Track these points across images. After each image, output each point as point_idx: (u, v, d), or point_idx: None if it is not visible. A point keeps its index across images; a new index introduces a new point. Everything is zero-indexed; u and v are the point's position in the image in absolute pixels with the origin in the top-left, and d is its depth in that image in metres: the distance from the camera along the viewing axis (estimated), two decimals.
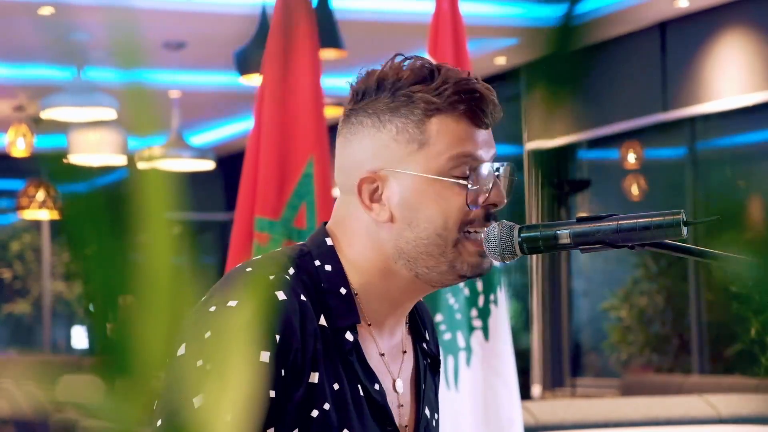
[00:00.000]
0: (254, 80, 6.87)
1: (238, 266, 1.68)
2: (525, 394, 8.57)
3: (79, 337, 13.87)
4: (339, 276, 1.66)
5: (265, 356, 1.55)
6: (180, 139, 9.90)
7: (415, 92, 1.64)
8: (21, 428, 7.71)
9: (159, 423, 1.43)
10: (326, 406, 1.60)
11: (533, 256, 7.19)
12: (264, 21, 6.91)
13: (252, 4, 7.54)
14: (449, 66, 1.68)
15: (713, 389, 7.21)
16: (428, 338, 1.81)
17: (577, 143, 9.95)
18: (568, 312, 10.12)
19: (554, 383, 9.99)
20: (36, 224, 13.77)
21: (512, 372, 3.84)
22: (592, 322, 10.17)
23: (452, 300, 3.79)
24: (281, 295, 1.59)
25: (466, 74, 1.67)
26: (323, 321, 1.63)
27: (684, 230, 1.59)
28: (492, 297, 3.84)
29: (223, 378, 0.62)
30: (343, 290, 1.65)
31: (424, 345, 1.79)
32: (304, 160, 3.58)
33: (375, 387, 1.66)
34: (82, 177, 0.61)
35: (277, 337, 1.56)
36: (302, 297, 1.61)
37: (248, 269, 1.64)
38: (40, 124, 9.67)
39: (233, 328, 0.62)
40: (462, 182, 1.63)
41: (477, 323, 3.83)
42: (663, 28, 8.87)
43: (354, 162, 1.68)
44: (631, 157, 9.51)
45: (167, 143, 9.66)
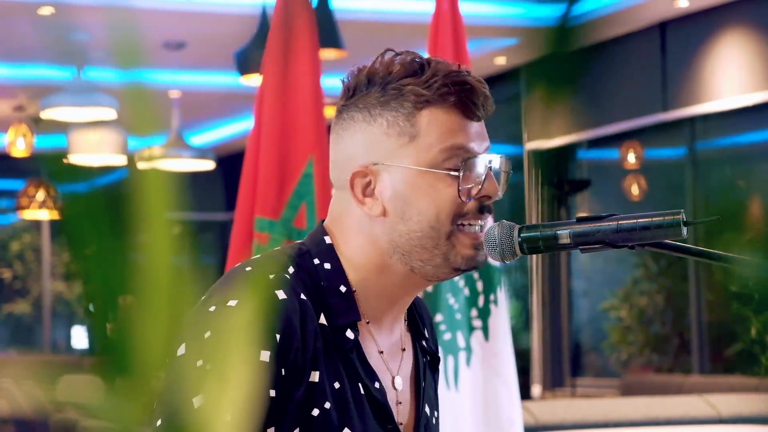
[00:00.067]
0: (254, 80, 6.87)
1: (238, 265, 1.67)
2: (525, 394, 8.57)
3: (79, 337, 13.87)
4: (338, 274, 1.66)
5: (266, 356, 1.55)
6: (180, 139, 9.90)
7: (405, 85, 1.64)
8: (21, 428, 7.71)
9: (159, 423, 1.42)
10: (327, 405, 1.60)
11: (533, 256, 7.19)
12: (264, 21, 6.91)
13: (252, 4, 7.54)
14: (440, 59, 1.67)
15: (713, 389, 7.21)
16: (427, 336, 1.81)
17: (577, 143, 9.95)
18: (568, 312, 10.12)
19: (554, 383, 9.99)
20: (36, 224, 13.76)
21: (512, 372, 3.84)
22: (592, 322, 10.17)
23: (452, 300, 3.79)
24: (281, 295, 1.59)
25: (457, 66, 1.66)
26: (323, 320, 1.62)
27: (684, 230, 1.59)
28: (492, 297, 3.84)
29: (223, 378, 0.62)
30: (343, 288, 1.65)
31: (423, 342, 1.79)
32: (304, 160, 3.59)
33: (375, 385, 1.66)
34: (82, 177, 0.61)
35: (278, 337, 1.56)
36: (302, 296, 1.61)
37: (248, 268, 1.64)
38: (40, 124, 9.67)
39: (233, 328, 0.62)
40: (454, 174, 1.62)
41: (477, 323, 3.83)
42: (663, 28, 8.87)
43: (346, 157, 1.67)
44: (631, 157, 9.50)
45: (167, 143, 9.66)
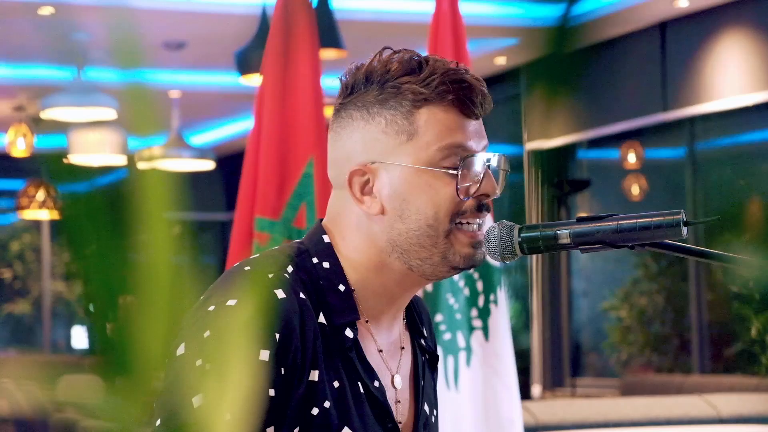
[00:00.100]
0: (254, 80, 6.87)
1: (237, 265, 1.67)
2: (525, 394, 8.57)
3: (79, 337, 13.86)
4: (337, 273, 1.65)
5: (265, 355, 1.54)
6: (180, 139, 9.90)
7: (403, 83, 1.63)
8: (21, 428, 7.71)
9: (158, 422, 1.42)
10: (326, 404, 1.59)
11: (533, 256, 7.19)
12: (264, 21, 6.91)
13: (252, 4, 7.54)
14: (438, 57, 1.67)
15: (713, 389, 7.21)
16: (426, 334, 1.81)
17: (577, 143, 9.95)
18: (568, 312, 10.12)
19: (554, 383, 9.99)
20: (36, 224, 13.76)
21: (512, 372, 3.83)
22: (592, 322, 10.17)
23: (452, 300, 3.79)
24: (280, 294, 1.59)
25: (455, 64, 1.66)
26: (322, 319, 1.62)
27: (684, 230, 1.59)
28: (492, 297, 3.84)
29: (223, 377, 0.62)
30: (342, 287, 1.65)
31: (422, 341, 1.79)
32: (304, 160, 3.59)
33: (374, 384, 1.66)
34: (82, 177, 0.61)
35: (277, 336, 1.56)
36: (301, 295, 1.61)
37: (247, 268, 1.63)
38: (40, 124, 9.66)
39: (233, 328, 0.62)
40: (452, 172, 1.62)
41: (477, 323, 3.82)
42: (663, 28, 8.87)
43: (345, 155, 1.67)
44: (631, 157, 9.50)
45: (167, 143, 9.65)
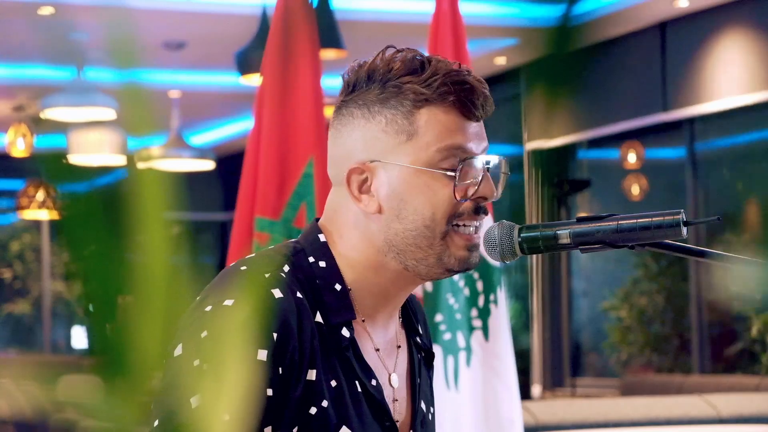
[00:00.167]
0: (254, 80, 6.87)
1: (233, 265, 1.67)
2: (525, 394, 8.57)
3: (79, 337, 13.86)
4: (333, 272, 1.65)
5: (263, 355, 1.54)
6: (180, 139, 9.89)
7: (405, 83, 1.63)
8: (21, 428, 7.71)
9: (156, 423, 1.42)
10: (324, 403, 1.59)
11: (533, 256, 7.19)
12: (264, 21, 6.91)
13: (252, 4, 7.54)
14: (441, 58, 1.67)
15: (713, 389, 7.21)
16: (421, 331, 1.81)
17: (577, 143, 9.95)
18: (568, 312, 10.12)
19: (554, 383, 9.99)
20: (36, 224, 13.76)
21: (512, 372, 3.83)
22: (592, 322, 10.17)
23: (452, 300, 3.79)
24: (277, 293, 1.58)
25: (457, 66, 1.66)
26: (319, 318, 1.62)
27: (684, 230, 1.59)
28: (492, 297, 3.84)
29: (221, 377, 0.62)
30: (338, 286, 1.65)
31: (418, 339, 1.79)
32: (304, 160, 3.59)
33: (372, 383, 1.66)
34: (81, 177, 0.61)
35: (275, 336, 1.55)
36: (298, 294, 1.61)
37: (243, 268, 1.63)
38: (40, 124, 9.66)
39: (230, 328, 0.62)
40: (450, 174, 1.62)
41: (477, 323, 3.82)
42: (663, 28, 8.87)
43: (344, 153, 1.67)
44: (631, 157, 9.50)
45: (167, 143, 9.65)
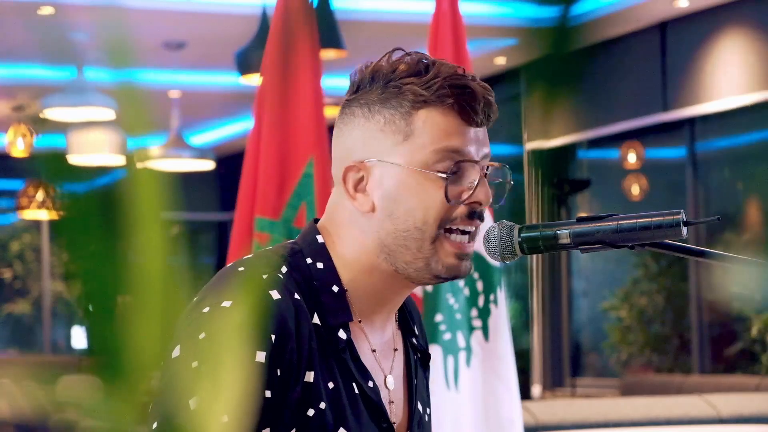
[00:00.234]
0: (254, 80, 6.86)
1: (230, 266, 1.67)
2: (525, 394, 8.56)
3: (79, 338, 13.86)
4: (331, 274, 1.65)
5: (261, 356, 1.54)
6: (180, 139, 9.89)
7: (405, 84, 1.63)
8: (21, 428, 7.71)
9: (155, 426, 1.41)
10: (322, 405, 1.59)
11: (533, 256, 7.18)
12: (264, 21, 6.91)
13: (252, 5, 7.54)
14: (447, 62, 1.67)
15: (713, 389, 7.21)
16: (417, 333, 1.80)
17: (577, 143, 9.95)
18: (568, 312, 10.12)
19: (554, 383, 9.99)
20: (36, 224, 13.75)
21: (512, 372, 3.83)
22: (592, 322, 10.17)
23: (452, 300, 3.79)
24: (275, 295, 1.58)
25: (462, 70, 1.66)
26: (316, 319, 1.62)
27: (684, 230, 1.59)
28: (492, 297, 3.84)
29: (219, 379, 0.62)
30: (335, 288, 1.65)
31: (414, 340, 1.79)
32: (304, 160, 3.58)
33: (369, 384, 1.66)
34: (80, 177, 0.61)
35: (273, 337, 1.55)
36: (296, 296, 1.60)
37: (240, 269, 1.63)
38: (40, 124, 9.66)
39: (228, 329, 0.62)
40: (441, 175, 1.61)
41: (477, 323, 3.82)
42: (663, 28, 8.86)
43: (344, 152, 1.67)
44: (631, 157, 9.50)
45: (167, 143, 9.65)
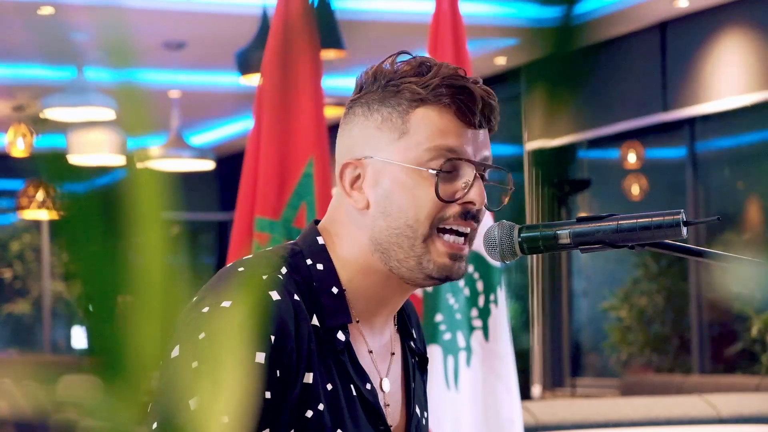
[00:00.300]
0: (254, 80, 6.86)
1: (229, 266, 1.67)
2: (525, 394, 8.56)
3: (79, 338, 13.86)
4: (330, 275, 1.65)
5: (260, 357, 1.54)
6: (180, 139, 9.90)
7: (404, 83, 1.65)
8: (21, 428, 7.71)
9: (154, 426, 1.41)
10: (320, 407, 1.59)
11: (533, 256, 7.18)
12: (265, 21, 6.91)
13: (252, 5, 7.54)
14: (449, 64, 1.67)
15: (713, 389, 7.21)
16: (415, 336, 1.81)
17: (577, 143, 9.95)
18: (568, 312, 10.11)
19: (554, 383, 9.99)
20: (36, 224, 13.75)
21: (512, 372, 3.83)
22: (592, 322, 10.17)
23: (452, 300, 3.79)
24: (275, 295, 1.58)
25: (463, 72, 1.66)
26: (315, 321, 1.62)
27: (684, 230, 1.59)
28: (492, 297, 3.84)
29: (219, 379, 0.62)
30: (335, 289, 1.65)
31: (412, 343, 1.79)
32: (304, 160, 3.58)
33: (366, 386, 1.66)
34: (80, 177, 0.61)
35: (272, 338, 1.55)
36: (295, 297, 1.60)
37: (240, 269, 1.63)
38: (40, 124, 9.66)
39: (227, 329, 0.62)
40: (432, 172, 1.62)
41: (477, 323, 3.82)
42: (663, 28, 8.86)
43: (344, 150, 1.69)
44: (632, 157, 9.50)
45: (167, 143, 9.66)
